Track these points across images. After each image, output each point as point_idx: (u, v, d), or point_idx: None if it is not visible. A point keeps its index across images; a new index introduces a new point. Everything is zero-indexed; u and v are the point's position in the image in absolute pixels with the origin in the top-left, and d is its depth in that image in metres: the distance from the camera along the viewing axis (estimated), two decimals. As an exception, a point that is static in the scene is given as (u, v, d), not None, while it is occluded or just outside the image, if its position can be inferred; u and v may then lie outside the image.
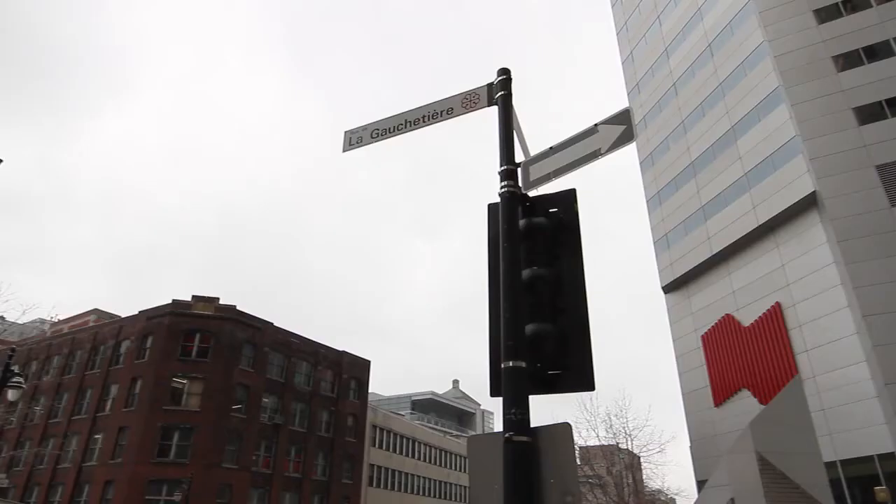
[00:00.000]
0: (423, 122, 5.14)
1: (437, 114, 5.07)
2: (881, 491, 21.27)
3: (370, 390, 51.22)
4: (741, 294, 31.59)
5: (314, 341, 44.35)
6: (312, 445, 41.37)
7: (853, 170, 26.42)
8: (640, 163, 41.43)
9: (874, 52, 28.33)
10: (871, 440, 23.62)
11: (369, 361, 49.36)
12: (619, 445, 38.50)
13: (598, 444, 38.93)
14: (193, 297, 38.26)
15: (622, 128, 4.00)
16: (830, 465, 24.37)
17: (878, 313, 23.71)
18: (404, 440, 54.74)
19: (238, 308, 38.87)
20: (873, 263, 24.53)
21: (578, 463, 39.67)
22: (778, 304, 29.12)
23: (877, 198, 25.49)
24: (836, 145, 27.21)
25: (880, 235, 24.78)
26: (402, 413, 71.18)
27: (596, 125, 4.10)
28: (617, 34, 47.41)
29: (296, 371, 41.88)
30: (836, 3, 30.23)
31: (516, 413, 3.20)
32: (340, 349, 46.76)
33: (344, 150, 5.45)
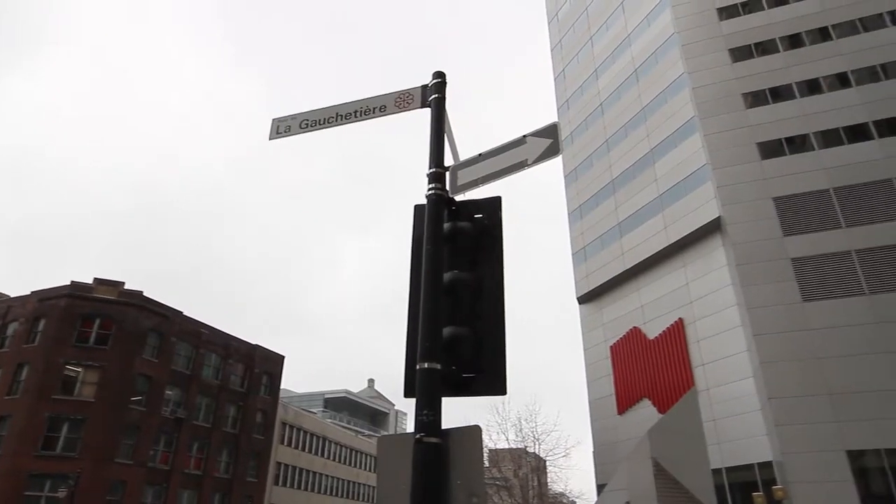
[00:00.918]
0: (356, 117, 5.09)
1: (370, 110, 5.03)
2: (758, 497, 23.12)
3: (283, 386, 49.86)
4: (649, 308, 33.38)
5: (226, 333, 42.65)
6: (216, 441, 39.71)
7: (753, 200, 28.60)
8: (565, 177, 42.90)
9: (778, 94, 30.82)
10: (753, 449, 25.63)
11: (283, 356, 48.06)
12: (527, 449, 39.65)
13: (507, 447, 39.90)
14: (95, 279, 35.76)
15: (549, 141, 4.13)
16: (717, 472, 26.22)
17: (766, 333, 25.78)
18: (315, 438, 53.68)
19: (145, 294, 36.73)
20: (765, 287, 26.64)
21: (487, 465, 40.48)
22: (681, 319, 31.01)
23: (772, 227, 27.72)
24: (741, 176, 29.37)
25: (773, 262, 26.96)
26: (315, 411, 69.76)
27: (525, 136, 4.21)
28: (551, 50, 48.90)
29: (204, 363, 40.08)
30: (749, 45, 32.66)
31: (428, 414, 3.22)
32: (254, 343, 45.24)
33: (270, 139, 5.30)
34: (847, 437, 22.95)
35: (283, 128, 5.27)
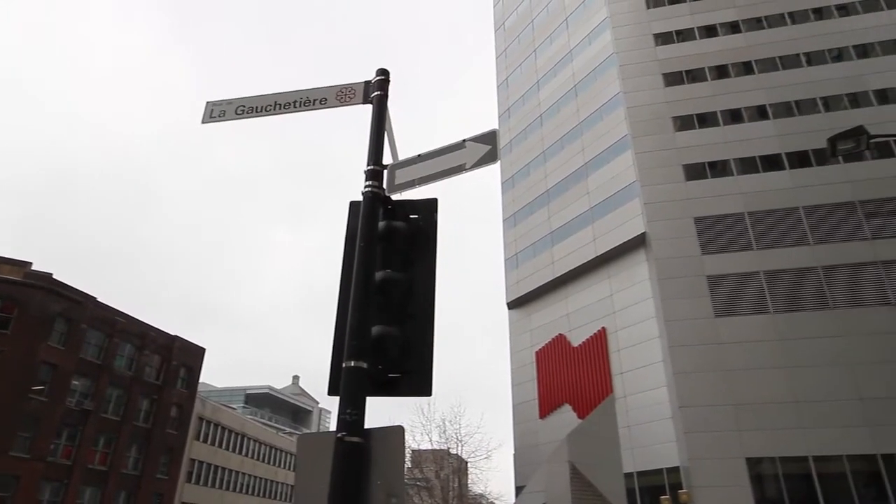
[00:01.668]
0: (295, 107, 4.99)
1: (310, 102, 4.95)
2: (665, 500, 24.32)
3: (202, 380, 47.90)
4: (574, 316, 34.46)
5: (143, 322, 40.53)
6: (126, 436, 37.63)
7: (676, 218, 30.12)
8: (502, 183, 43.64)
9: (704, 120, 32.64)
10: (663, 455, 26.95)
11: (204, 349, 46.20)
12: (450, 450, 39.97)
13: (430, 447, 40.07)
14: (-2, 258, 33.12)
15: (488, 147, 4.19)
16: (629, 476, 27.39)
17: (681, 345, 27.20)
18: (233, 435, 51.88)
19: (55, 277, 34.33)
20: (682, 302, 28.11)
21: (409, 466, 40.46)
22: (604, 328, 32.20)
23: (692, 245, 29.29)
24: (666, 195, 30.86)
25: (690, 278, 28.49)
26: (235, 406, 67.43)
27: (464, 141, 4.26)
28: (496, 58, 49.64)
29: (117, 353, 37.91)
30: (681, 72, 34.41)
31: (351, 413, 3.19)
32: (173, 333, 43.24)
33: (204, 122, 5.11)
34: (747, 445, 24.55)
35: (218, 112, 5.10)
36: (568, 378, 33.46)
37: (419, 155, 4.37)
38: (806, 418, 24.26)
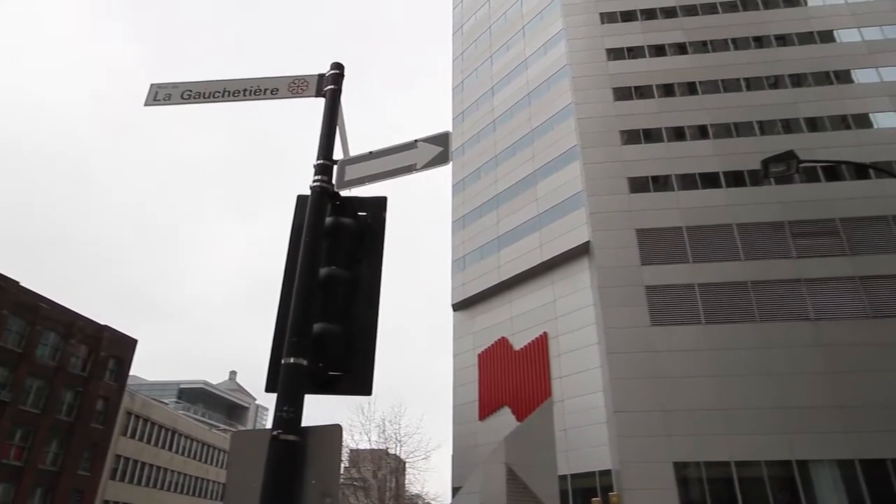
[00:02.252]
0: (244, 95, 4.86)
1: (262, 91, 4.83)
2: (596, 501, 25.00)
3: (133, 373, 45.89)
4: (518, 320, 34.99)
5: (71, 310, 38.45)
6: (45, 429, 35.58)
7: (619, 229, 31.07)
8: (453, 186, 43.86)
9: (650, 135, 33.82)
10: (596, 458, 27.74)
11: (136, 340, 44.28)
12: (389, 450, 39.80)
13: (369, 447, 39.78)
14: None
15: (440, 149, 4.20)
16: (563, 478, 28.02)
17: (618, 352, 28.05)
18: (163, 431, 49.90)
19: (-28, 258, 32.12)
20: (621, 310, 29.01)
21: (347, 465, 40.04)
22: (545, 333, 32.85)
23: (632, 256, 30.28)
24: (611, 205, 31.79)
25: (629, 287, 29.44)
26: (167, 401, 64.89)
27: (416, 141, 4.26)
28: (453, 61, 49.87)
29: (40, 341, 35.80)
30: (630, 87, 35.53)
31: (288, 411, 3.14)
32: (103, 323, 41.22)
33: (147, 104, 4.91)
34: (675, 449, 25.57)
35: (163, 95, 4.90)
36: (508, 381, 33.94)
37: (370, 152, 4.34)
38: (730, 425, 25.48)
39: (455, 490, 33.56)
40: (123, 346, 42.99)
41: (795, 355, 26.44)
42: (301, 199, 4.17)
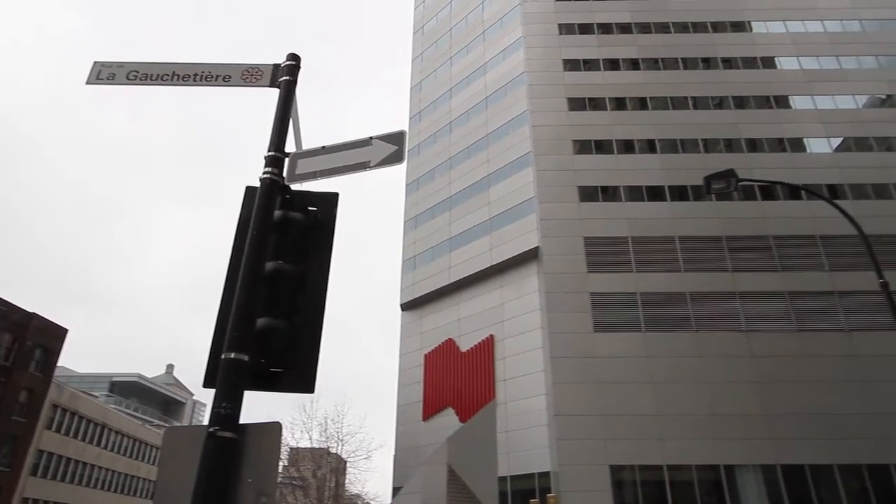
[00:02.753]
0: (195, 81, 4.71)
1: (213, 77, 4.69)
2: (534, 502, 25.45)
3: (63, 364, 43.63)
4: (465, 322, 35.22)
5: (-7, 296, 36.21)
6: (-41, 422, 33.37)
7: (568, 236, 31.74)
8: (407, 185, 43.76)
9: (601, 146, 34.71)
10: (536, 460, 28.21)
11: (66, 329, 42.12)
12: (330, 449, 39.28)
13: (309, 446, 39.15)
14: None
15: (395, 148, 4.19)
16: (503, 479, 28.38)
17: (561, 357, 28.64)
18: (91, 425, 47.63)
19: None
20: (566, 315, 29.62)
21: (286, 464, 39.29)
22: (492, 336, 33.19)
23: (579, 263, 30.98)
24: (561, 213, 32.44)
25: (575, 294, 30.11)
26: (98, 394, 61.99)
27: (371, 138, 4.23)
28: (412, 61, 49.78)
29: (-43, 328, 33.57)
30: (584, 99, 36.37)
31: (226, 407, 3.06)
32: (31, 311, 39.01)
33: (88, 83, 4.70)
34: (611, 453, 26.30)
35: (107, 74, 4.69)
36: (454, 382, 34.10)
37: (324, 147, 4.28)
38: (665, 430, 26.42)
39: (396, 490, 33.45)
40: (52, 336, 40.82)
41: (727, 364, 27.67)
42: (250, 191, 4.07)
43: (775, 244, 30.57)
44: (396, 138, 4.22)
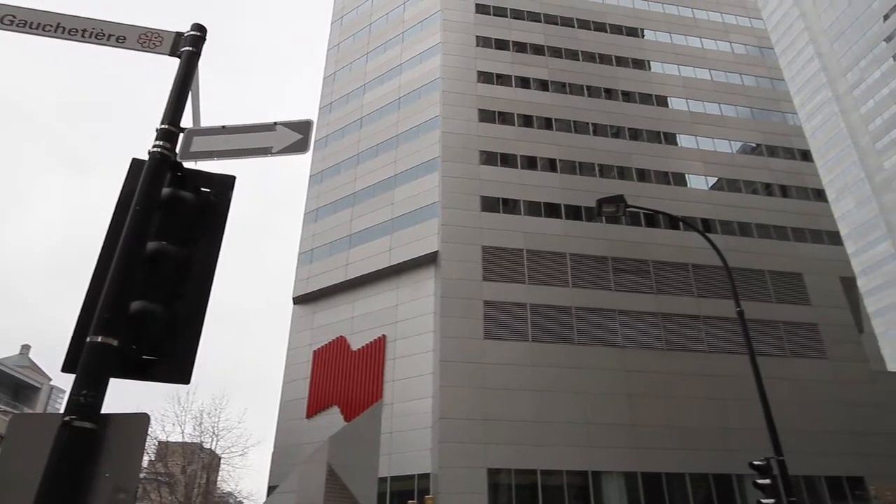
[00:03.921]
0: (83, 37, 4.29)
1: (105, 36, 4.30)
2: (411, 502, 25.61)
3: None
4: (358, 321, 34.84)
5: None
6: None
7: (467, 244, 32.42)
8: (310, 177, 42.64)
9: (506, 160, 35.83)
10: (418, 462, 28.44)
11: None
12: (204, 444, 37.22)
13: (181, 440, 36.86)
14: None
15: (300, 136, 4.07)
16: (383, 480, 28.32)
17: (450, 361, 29.14)
18: (-82, 410, 41.76)
19: None
20: (459, 321, 30.21)
21: (153, 458, 36.68)
22: (384, 336, 33.09)
23: (476, 270, 31.73)
24: (462, 220, 33.08)
25: (468, 300, 30.80)
26: (-72, 375, 54.47)
27: (276, 124, 4.08)
28: (328, 50, 48.68)
29: None
30: (494, 112, 37.40)
31: (87, 395, 2.81)
32: None
33: (-49, 21, 4.14)
34: (490, 456, 27.12)
35: (-25, 15, 4.16)
36: (342, 380, 33.59)
37: (224, 126, 4.08)
38: (541, 436, 27.66)
39: (271, 488, 32.30)
40: None
41: (602, 377, 29.52)
42: (136, 164, 3.78)
43: (653, 268, 33.11)
44: (302, 127, 4.11)
